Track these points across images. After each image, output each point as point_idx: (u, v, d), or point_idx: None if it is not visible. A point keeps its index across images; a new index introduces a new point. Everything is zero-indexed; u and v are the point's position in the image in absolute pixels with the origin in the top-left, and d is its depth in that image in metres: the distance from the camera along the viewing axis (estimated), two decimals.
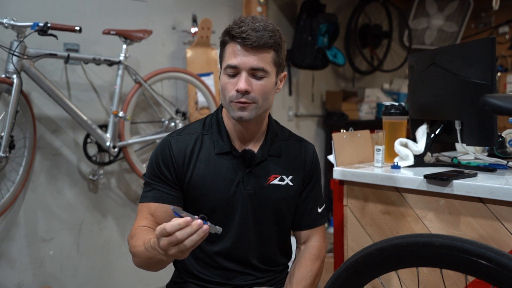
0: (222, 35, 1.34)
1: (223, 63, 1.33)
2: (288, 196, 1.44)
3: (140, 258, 1.25)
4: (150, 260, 1.20)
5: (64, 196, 2.59)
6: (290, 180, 1.44)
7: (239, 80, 1.29)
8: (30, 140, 2.36)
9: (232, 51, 1.30)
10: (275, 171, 1.42)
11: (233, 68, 1.30)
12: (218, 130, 1.40)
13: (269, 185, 1.41)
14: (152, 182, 1.37)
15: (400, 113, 1.82)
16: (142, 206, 1.37)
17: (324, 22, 3.49)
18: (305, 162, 1.49)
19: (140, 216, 1.36)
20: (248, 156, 1.37)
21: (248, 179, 1.39)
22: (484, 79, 1.48)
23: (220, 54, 1.37)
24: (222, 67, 1.33)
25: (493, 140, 1.48)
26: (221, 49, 1.35)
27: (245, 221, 1.40)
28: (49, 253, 2.53)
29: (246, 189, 1.38)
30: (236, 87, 1.29)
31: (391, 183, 1.61)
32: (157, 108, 2.85)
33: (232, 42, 1.30)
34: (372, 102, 4.14)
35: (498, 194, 1.36)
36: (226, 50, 1.32)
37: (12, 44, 2.16)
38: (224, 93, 1.33)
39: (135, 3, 2.81)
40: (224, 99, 1.33)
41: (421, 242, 0.99)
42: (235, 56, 1.29)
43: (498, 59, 4.42)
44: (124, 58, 2.55)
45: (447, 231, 1.50)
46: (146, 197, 1.37)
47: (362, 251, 1.07)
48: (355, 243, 1.76)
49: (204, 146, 1.39)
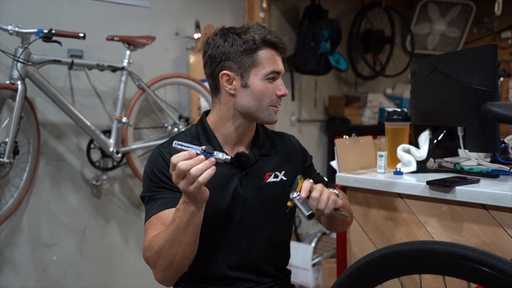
0: (251, 41, 1.32)
1: (258, 68, 1.33)
2: (285, 191, 1.41)
3: (166, 242, 1.20)
4: (177, 229, 1.18)
5: (68, 201, 2.60)
6: (284, 174, 1.45)
7: (280, 85, 1.36)
8: (34, 145, 2.37)
9: (271, 57, 1.34)
10: (268, 169, 1.43)
11: (277, 74, 1.35)
12: (206, 138, 1.39)
13: (265, 184, 1.42)
14: (154, 193, 1.33)
15: (402, 119, 1.83)
16: (150, 221, 1.31)
17: (326, 27, 3.50)
18: (295, 154, 1.52)
19: (151, 229, 1.29)
20: (243, 159, 1.37)
21: (245, 181, 1.39)
22: (486, 85, 1.49)
23: (247, 60, 1.33)
24: (260, 72, 1.33)
25: (496, 146, 1.48)
26: (250, 55, 1.33)
27: (247, 223, 1.39)
28: (52, 258, 2.54)
29: (244, 192, 1.38)
30: (281, 92, 1.36)
31: (394, 189, 1.62)
32: (160, 113, 2.86)
33: (268, 48, 1.34)
34: (374, 107, 4.15)
35: (500, 201, 1.36)
36: (261, 55, 1.33)
37: (16, 50, 2.18)
38: (263, 97, 1.34)
39: (138, 9, 2.83)
40: (260, 103, 1.35)
41: (424, 249, 0.99)
42: (277, 62, 1.35)
43: (501, 64, 4.42)
44: (127, 64, 2.56)
45: (450, 238, 1.50)
46: (152, 211, 1.31)
47: (364, 258, 1.07)
48: (358, 249, 1.76)
49: None
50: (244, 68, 1.34)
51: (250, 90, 1.34)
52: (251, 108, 1.35)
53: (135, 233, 2.86)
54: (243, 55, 1.33)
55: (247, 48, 1.33)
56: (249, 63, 1.33)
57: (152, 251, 1.24)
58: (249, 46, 1.33)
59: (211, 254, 1.39)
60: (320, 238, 3.52)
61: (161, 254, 1.22)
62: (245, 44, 1.33)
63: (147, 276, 2.83)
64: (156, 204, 1.32)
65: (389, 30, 4.31)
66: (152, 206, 1.32)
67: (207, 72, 1.40)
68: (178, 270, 1.26)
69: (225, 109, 1.38)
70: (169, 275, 1.26)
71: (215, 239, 1.38)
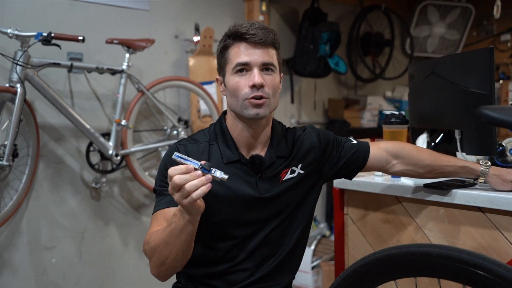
0: (223, 41, 1.34)
1: (228, 65, 1.32)
2: (303, 183, 1.42)
3: (161, 242, 1.22)
4: (171, 233, 1.19)
5: (67, 204, 2.61)
6: (301, 168, 1.41)
7: (252, 76, 1.29)
8: (33, 148, 2.38)
9: (239, 51, 1.30)
10: (284, 167, 1.40)
11: (244, 65, 1.29)
12: (223, 139, 1.38)
13: (283, 182, 1.39)
14: (164, 188, 1.32)
15: (400, 122, 1.83)
16: (156, 215, 1.33)
17: (326, 30, 3.50)
18: (313, 145, 1.44)
19: (155, 223, 1.31)
20: (257, 162, 1.35)
21: (261, 183, 1.36)
22: (483, 89, 1.49)
23: (222, 60, 1.35)
24: (230, 69, 1.32)
25: (492, 149, 1.48)
26: (223, 54, 1.34)
27: (266, 222, 1.38)
28: (51, 261, 2.54)
29: (261, 193, 1.36)
30: (251, 83, 1.28)
31: (391, 192, 1.62)
32: (160, 116, 2.87)
33: (238, 42, 1.31)
34: (374, 110, 4.15)
35: (497, 204, 1.36)
36: (231, 52, 1.32)
37: (16, 53, 2.19)
38: (236, 93, 1.30)
39: (138, 12, 2.84)
40: (237, 100, 1.31)
41: (419, 252, 0.99)
42: (245, 54, 1.29)
43: (500, 67, 4.42)
44: (126, 67, 2.57)
45: (447, 241, 1.50)
46: (159, 206, 1.33)
47: (360, 260, 1.07)
48: (355, 251, 1.76)
49: (213, 156, 1.36)
50: (222, 68, 1.35)
51: (227, 89, 1.34)
52: (232, 106, 1.34)
53: (134, 235, 2.87)
54: (221, 55, 1.35)
55: (221, 48, 1.34)
56: (223, 62, 1.34)
57: (149, 247, 1.27)
58: (222, 45, 1.34)
59: (230, 259, 1.37)
60: (320, 241, 3.53)
61: (155, 253, 1.25)
62: (220, 45, 1.34)
63: (147, 279, 2.83)
64: (164, 200, 1.32)
65: (388, 33, 4.31)
66: (161, 200, 1.33)
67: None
68: (170, 270, 1.28)
69: (228, 111, 1.40)
70: (162, 272, 1.29)
71: (234, 243, 1.37)
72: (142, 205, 2.89)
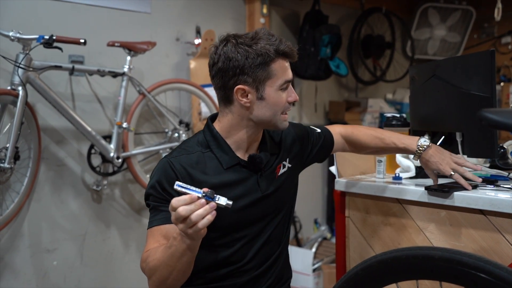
0: (266, 53, 1.30)
1: (273, 79, 1.32)
2: (292, 176, 1.52)
3: (161, 263, 1.22)
4: (172, 256, 1.19)
5: (68, 206, 2.61)
6: (289, 161, 1.50)
7: (291, 92, 1.38)
8: (35, 151, 2.38)
9: (283, 67, 1.34)
10: (276, 163, 1.47)
11: (288, 83, 1.37)
12: (218, 145, 1.38)
13: (279, 177, 1.46)
14: (159, 204, 1.32)
15: (401, 125, 1.83)
16: (151, 231, 1.32)
17: (326, 33, 3.51)
18: (293, 139, 1.54)
19: (151, 240, 1.31)
20: (257, 161, 1.39)
21: (262, 181, 1.41)
22: (484, 91, 1.49)
23: (260, 72, 1.31)
24: (274, 83, 1.33)
25: (493, 152, 1.48)
26: (263, 67, 1.31)
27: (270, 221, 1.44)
28: (53, 263, 2.54)
29: (263, 191, 1.41)
30: (292, 99, 1.38)
31: (393, 194, 1.62)
32: (161, 119, 2.87)
33: (280, 58, 1.33)
34: (375, 112, 4.15)
35: (498, 206, 1.36)
36: (274, 67, 1.32)
37: (18, 56, 2.19)
38: (278, 107, 1.36)
39: (139, 15, 2.85)
40: (275, 113, 1.36)
41: (421, 255, 0.99)
42: (288, 70, 1.36)
43: (501, 69, 4.42)
44: (128, 69, 2.57)
45: (449, 243, 1.50)
46: (154, 221, 1.32)
47: (362, 263, 1.07)
48: (357, 254, 1.76)
49: (209, 164, 1.36)
50: (259, 81, 1.32)
51: (266, 102, 1.34)
52: (267, 118, 1.37)
53: (135, 238, 2.87)
54: (258, 69, 1.31)
55: (262, 62, 1.30)
56: (264, 76, 1.32)
57: (147, 267, 1.27)
58: (264, 59, 1.30)
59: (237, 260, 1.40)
60: (321, 243, 3.52)
61: (155, 273, 1.24)
62: (259, 57, 1.30)
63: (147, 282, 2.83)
64: (159, 216, 1.31)
65: (389, 35, 4.32)
66: (156, 216, 1.32)
67: (218, 84, 1.37)
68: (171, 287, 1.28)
69: (237, 119, 1.37)
70: None
71: (241, 244, 1.40)
72: (143, 207, 2.89)
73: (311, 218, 3.83)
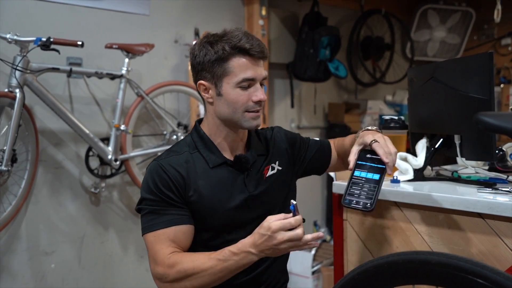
0: (220, 50, 1.32)
1: (230, 76, 1.33)
2: (282, 180, 1.50)
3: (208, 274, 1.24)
4: (226, 269, 1.23)
5: (66, 209, 2.60)
6: (278, 164, 1.49)
7: (256, 91, 1.34)
8: (32, 153, 2.38)
9: (242, 64, 1.32)
10: (265, 164, 1.46)
11: (250, 81, 1.33)
12: (204, 146, 1.40)
13: (267, 178, 1.45)
14: (159, 208, 1.32)
15: (399, 127, 1.82)
16: (156, 235, 1.31)
17: (325, 34, 3.50)
18: (283, 144, 1.54)
19: (161, 245, 1.30)
20: (242, 160, 1.39)
21: (248, 181, 1.41)
22: (483, 94, 1.48)
23: (218, 69, 1.33)
24: (231, 81, 1.33)
25: (492, 155, 1.47)
26: (220, 64, 1.33)
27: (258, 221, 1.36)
28: (50, 266, 2.54)
29: (250, 191, 1.40)
30: (257, 98, 1.34)
31: (391, 197, 1.61)
32: (159, 121, 2.86)
33: (239, 55, 1.32)
34: (374, 114, 4.14)
35: (497, 210, 1.35)
36: (231, 63, 1.32)
37: (15, 58, 2.19)
38: (236, 105, 1.34)
39: (138, 17, 2.84)
40: (235, 111, 1.34)
41: (417, 260, 0.99)
42: (249, 69, 1.33)
43: (501, 71, 4.41)
44: (126, 71, 2.57)
45: (447, 247, 1.49)
46: (157, 224, 1.31)
47: (358, 268, 1.06)
48: (355, 258, 1.75)
49: (197, 164, 1.38)
50: (217, 77, 1.34)
51: (224, 99, 1.35)
52: (228, 115, 1.37)
53: (134, 240, 2.86)
54: (215, 65, 1.33)
55: (217, 58, 1.33)
56: (220, 72, 1.33)
57: (182, 273, 1.26)
58: (219, 55, 1.32)
59: None
60: (320, 246, 3.51)
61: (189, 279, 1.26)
62: (216, 54, 1.33)
63: (146, 284, 2.82)
64: (161, 219, 1.31)
65: (389, 37, 4.31)
66: (156, 219, 1.31)
67: (194, 81, 1.43)
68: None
69: (211, 117, 1.41)
70: None
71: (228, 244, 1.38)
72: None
73: (310, 220, 3.82)
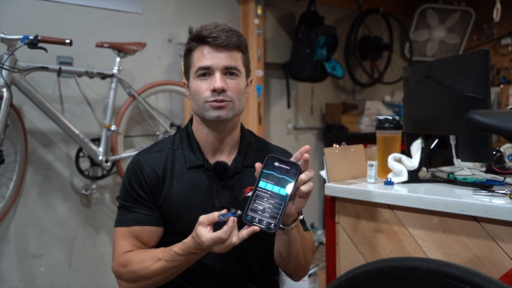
0: (187, 44, 1.32)
1: (192, 68, 1.30)
2: None
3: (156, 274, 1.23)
4: (175, 267, 1.21)
5: (56, 211, 2.55)
6: None
7: (213, 80, 1.27)
8: (21, 154, 2.33)
9: (201, 54, 1.28)
10: (251, 183, 1.29)
11: (206, 69, 1.27)
12: (188, 144, 1.35)
13: (244, 198, 1.32)
14: (129, 204, 1.32)
15: (394, 127, 1.77)
16: (122, 230, 1.31)
17: (322, 34, 3.45)
18: None
19: (122, 241, 1.30)
20: (220, 168, 1.31)
21: (222, 192, 1.32)
22: (478, 92, 1.43)
23: (186, 64, 1.34)
24: (192, 73, 1.30)
25: (488, 156, 1.42)
26: (187, 57, 1.32)
27: None
28: (40, 269, 2.49)
29: (220, 202, 1.32)
30: (212, 87, 1.26)
31: (384, 200, 1.56)
32: (152, 121, 2.82)
33: (200, 45, 1.28)
34: (372, 115, 4.09)
35: (492, 213, 1.30)
36: (194, 55, 1.30)
37: (2, 57, 2.15)
38: (196, 97, 1.29)
39: (131, 16, 2.80)
40: (198, 103, 1.29)
41: (406, 266, 0.94)
42: (206, 57, 1.27)
43: (501, 71, 4.36)
44: (117, 71, 2.52)
45: (441, 251, 1.44)
46: (125, 221, 1.31)
47: (346, 274, 1.01)
48: (347, 261, 1.70)
49: (177, 162, 1.34)
50: (187, 71, 1.34)
51: (192, 92, 1.32)
52: (196, 110, 1.32)
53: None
54: (185, 59, 1.33)
55: (186, 52, 1.32)
56: (188, 65, 1.33)
57: (134, 273, 1.25)
58: (186, 49, 1.32)
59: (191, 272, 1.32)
60: (316, 248, 3.46)
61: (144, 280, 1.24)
62: (185, 49, 1.33)
63: None
64: (129, 216, 1.31)
65: (387, 37, 4.26)
66: (126, 215, 1.32)
67: None
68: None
69: (194, 115, 1.38)
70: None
71: None
72: None
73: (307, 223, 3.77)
